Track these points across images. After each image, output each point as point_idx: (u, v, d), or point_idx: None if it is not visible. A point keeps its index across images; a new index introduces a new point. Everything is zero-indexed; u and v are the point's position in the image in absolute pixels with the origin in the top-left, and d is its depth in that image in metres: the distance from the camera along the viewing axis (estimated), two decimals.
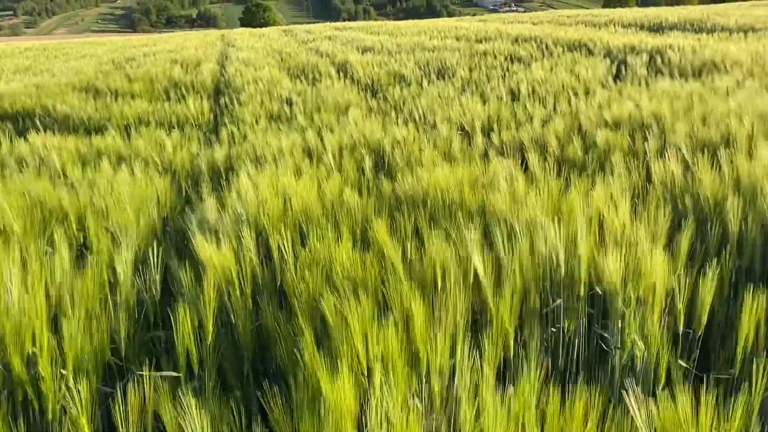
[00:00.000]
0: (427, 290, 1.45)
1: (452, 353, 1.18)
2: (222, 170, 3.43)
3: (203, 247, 1.64)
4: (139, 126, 4.85)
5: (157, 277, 1.81)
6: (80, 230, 2.38)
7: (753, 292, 1.31)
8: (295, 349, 1.21)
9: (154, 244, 1.87)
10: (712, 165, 1.97)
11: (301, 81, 6.69)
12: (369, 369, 1.20)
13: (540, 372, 1.00)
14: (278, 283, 1.69)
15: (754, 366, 1.10)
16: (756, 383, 1.10)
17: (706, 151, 2.23)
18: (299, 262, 1.61)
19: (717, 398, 1.03)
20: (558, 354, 1.51)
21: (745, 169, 1.91)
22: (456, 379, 1.08)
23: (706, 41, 7.01)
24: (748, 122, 2.54)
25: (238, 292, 1.59)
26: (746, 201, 1.79)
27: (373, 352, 1.18)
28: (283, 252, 1.73)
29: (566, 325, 1.50)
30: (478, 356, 1.09)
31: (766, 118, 2.71)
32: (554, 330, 1.52)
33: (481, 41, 9.77)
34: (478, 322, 1.48)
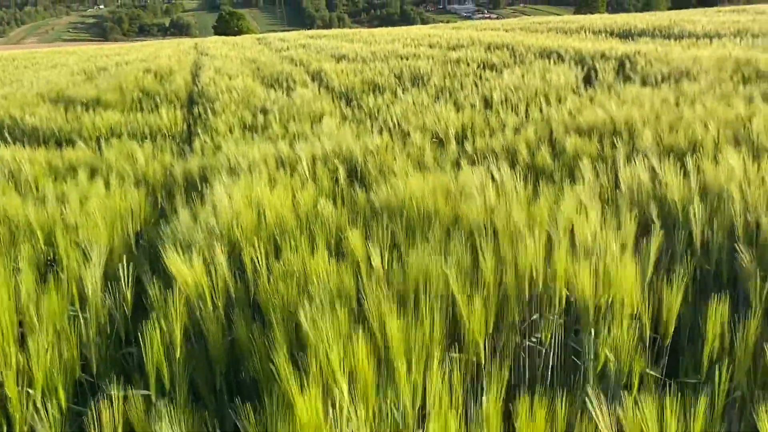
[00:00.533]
0: (405, 302, 1.46)
1: (427, 367, 1.18)
2: (196, 181, 3.41)
3: (174, 261, 1.62)
4: (112, 137, 4.80)
5: (128, 292, 1.79)
6: (50, 246, 2.34)
7: (717, 298, 1.34)
8: (269, 364, 1.20)
9: (124, 259, 1.85)
10: (679, 171, 2.01)
11: (275, 90, 6.68)
12: (342, 383, 1.20)
13: (502, 388, 1.01)
14: (252, 296, 1.68)
15: (716, 371, 1.12)
16: (718, 388, 1.12)
17: (673, 156, 2.28)
18: (273, 274, 1.61)
19: (683, 403, 1.05)
20: (533, 364, 1.52)
21: (711, 175, 1.96)
22: (427, 395, 1.08)
23: (673, 47, 7.15)
24: (714, 128, 2.60)
25: (210, 306, 1.58)
26: (712, 206, 1.83)
27: (347, 366, 1.18)
28: (257, 264, 1.72)
29: (542, 336, 1.51)
30: (448, 372, 1.10)
31: (731, 123, 2.78)
32: (531, 342, 1.54)
33: (454, 49, 9.85)
34: (455, 332, 1.49)
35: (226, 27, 56.22)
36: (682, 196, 1.89)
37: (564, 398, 1.02)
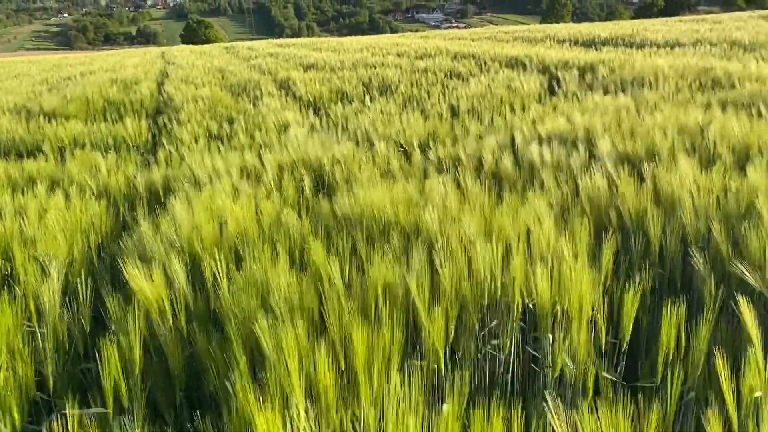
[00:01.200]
0: (366, 312, 1.46)
1: (388, 379, 1.18)
2: (160, 192, 3.37)
3: (134, 275, 1.60)
4: (75, 148, 4.72)
5: (86, 307, 1.76)
6: (7, 260, 2.29)
7: (671, 303, 1.37)
8: (226, 380, 1.19)
9: (83, 273, 1.82)
10: (636, 178, 2.06)
11: (242, 99, 6.65)
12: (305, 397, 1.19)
13: (461, 395, 1.02)
14: (212, 309, 1.67)
15: (669, 375, 1.14)
16: (671, 391, 1.15)
17: (631, 164, 2.32)
18: (234, 286, 1.60)
19: (636, 408, 1.07)
20: (493, 371, 1.54)
21: (666, 183, 2.00)
22: (385, 404, 1.08)
23: (635, 56, 7.31)
24: (671, 135, 2.66)
25: (170, 320, 1.56)
26: (667, 213, 1.88)
27: (307, 380, 1.17)
28: (218, 277, 1.71)
29: (501, 343, 1.53)
30: (408, 383, 1.10)
31: (688, 131, 2.85)
32: (490, 348, 1.55)
33: (421, 58, 9.92)
34: (416, 341, 1.49)
35: (194, 36, 55.78)
36: (637, 203, 1.93)
37: (519, 406, 1.03)
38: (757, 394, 1.09)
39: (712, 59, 6.78)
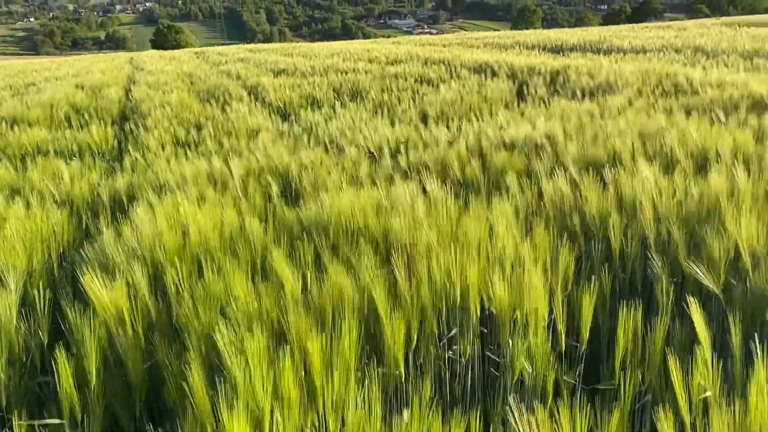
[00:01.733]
0: (326, 322, 1.45)
1: (347, 387, 1.18)
2: (124, 200, 3.32)
3: (92, 285, 1.57)
4: (38, 155, 4.63)
5: (45, 319, 1.72)
6: None
7: (627, 306, 1.39)
8: (182, 391, 1.17)
9: (41, 284, 1.78)
10: (598, 183, 2.08)
11: (211, 105, 6.59)
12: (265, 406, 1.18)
13: (422, 401, 1.02)
14: (174, 319, 1.65)
15: (625, 377, 1.16)
16: (626, 394, 1.16)
17: (594, 169, 2.36)
18: (195, 296, 1.58)
19: (593, 410, 1.08)
20: (455, 376, 1.54)
21: (628, 187, 2.04)
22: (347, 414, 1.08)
23: (602, 62, 7.42)
24: (633, 140, 2.71)
25: (130, 331, 1.54)
26: (627, 217, 1.91)
27: (268, 389, 1.16)
28: (179, 286, 1.69)
29: (461, 348, 1.53)
30: (367, 389, 1.10)
31: (649, 136, 2.90)
32: (451, 353, 1.55)
33: (393, 63, 9.95)
34: (376, 348, 1.49)
35: (164, 41, 55.19)
36: (599, 207, 1.96)
37: (479, 413, 1.03)
38: (707, 393, 1.12)
39: (675, 65, 6.92)
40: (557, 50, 11.07)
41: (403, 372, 1.35)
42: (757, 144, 2.57)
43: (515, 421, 1.05)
